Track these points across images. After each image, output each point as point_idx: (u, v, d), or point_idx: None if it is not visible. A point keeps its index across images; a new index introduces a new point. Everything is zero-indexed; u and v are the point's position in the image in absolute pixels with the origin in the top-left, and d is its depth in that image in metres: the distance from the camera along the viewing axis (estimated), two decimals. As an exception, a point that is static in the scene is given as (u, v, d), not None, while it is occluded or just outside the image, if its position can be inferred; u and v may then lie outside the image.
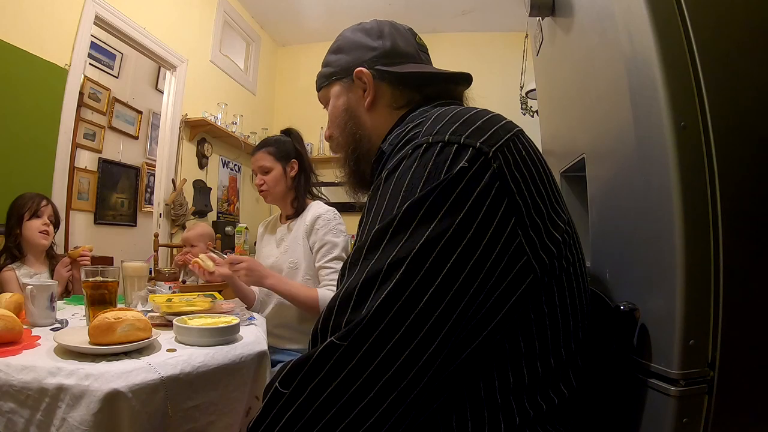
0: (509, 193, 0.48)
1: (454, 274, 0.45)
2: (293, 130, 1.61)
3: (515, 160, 0.50)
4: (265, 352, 0.98)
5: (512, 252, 0.47)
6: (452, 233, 0.46)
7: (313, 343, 0.49)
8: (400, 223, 0.47)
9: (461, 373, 0.49)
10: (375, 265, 0.47)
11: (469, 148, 0.48)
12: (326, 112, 0.76)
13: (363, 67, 0.69)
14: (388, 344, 0.44)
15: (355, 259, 0.50)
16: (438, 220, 0.46)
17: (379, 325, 0.44)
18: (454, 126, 0.51)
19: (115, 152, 3.65)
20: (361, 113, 0.70)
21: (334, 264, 1.39)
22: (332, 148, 0.77)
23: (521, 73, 2.49)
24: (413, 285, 0.45)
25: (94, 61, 3.37)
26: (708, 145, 0.55)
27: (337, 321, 0.47)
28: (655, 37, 0.57)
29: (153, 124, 3.92)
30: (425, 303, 0.45)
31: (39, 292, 1.03)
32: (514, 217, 0.48)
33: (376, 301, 0.45)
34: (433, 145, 0.49)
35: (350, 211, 4.18)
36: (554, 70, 1.06)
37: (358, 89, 0.70)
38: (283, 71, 4.59)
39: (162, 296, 1.33)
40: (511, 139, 0.51)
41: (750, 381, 0.56)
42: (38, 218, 1.58)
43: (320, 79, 0.76)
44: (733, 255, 0.54)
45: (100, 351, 0.78)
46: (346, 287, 0.48)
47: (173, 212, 3.08)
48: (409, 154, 0.51)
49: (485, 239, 0.46)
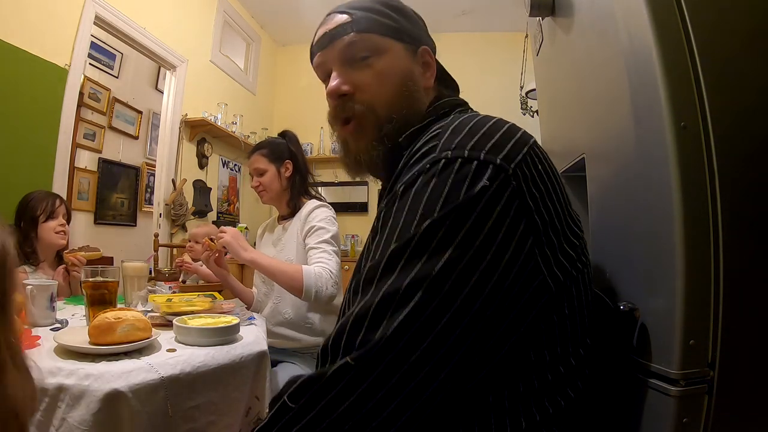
0: (527, 212, 0.47)
1: (472, 298, 0.45)
2: (288, 132, 1.63)
3: (533, 175, 0.49)
4: (265, 352, 0.98)
5: (529, 272, 0.47)
6: (471, 257, 0.45)
7: (323, 360, 0.49)
8: (419, 244, 0.46)
9: (473, 388, 0.49)
10: (392, 285, 0.46)
11: (489, 165, 0.47)
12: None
13: (429, 48, 0.67)
14: (403, 367, 0.44)
15: (370, 277, 0.48)
16: (457, 243, 0.45)
17: (394, 347, 0.44)
18: (474, 140, 0.49)
19: (115, 152, 3.65)
20: (421, 90, 0.65)
21: (323, 245, 1.39)
22: (357, 114, 0.63)
23: (521, 73, 2.49)
24: (431, 309, 0.44)
25: (94, 61, 3.37)
26: (708, 145, 0.55)
27: (350, 340, 0.46)
28: (655, 37, 0.57)
29: (153, 124, 3.92)
30: (442, 327, 0.44)
31: (39, 292, 1.03)
32: (531, 236, 0.47)
33: (392, 323, 0.44)
34: (452, 161, 0.48)
35: (349, 210, 4.21)
36: (554, 70, 1.06)
37: (417, 65, 0.66)
38: (283, 71, 4.59)
39: (162, 296, 1.33)
40: (528, 153, 0.50)
41: (750, 381, 0.56)
42: (54, 219, 1.55)
43: (375, 23, 0.63)
44: (733, 255, 0.54)
45: (100, 351, 0.78)
46: (361, 306, 0.47)
47: (173, 212, 3.08)
48: (426, 169, 0.49)
49: (503, 262, 0.46)
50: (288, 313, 1.44)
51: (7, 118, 1.93)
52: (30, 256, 1.52)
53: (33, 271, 1.51)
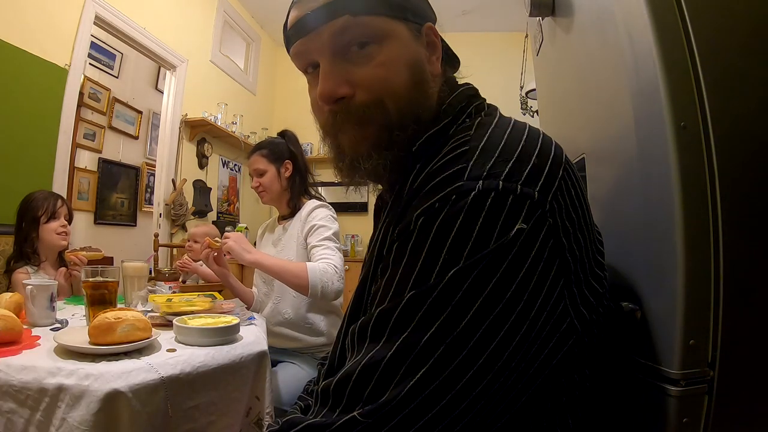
0: (560, 251, 0.43)
1: (498, 353, 0.41)
2: (288, 132, 1.63)
3: (566, 205, 0.44)
4: (265, 352, 0.98)
5: (557, 316, 0.43)
6: (500, 311, 0.40)
7: (323, 400, 0.46)
8: (441, 295, 0.41)
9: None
10: (407, 339, 0.41)
11: (527, 200, 0.41)
12: None
13: (434, 26, 0.56)
14: (416, 425, 0.41)
15: (381, 325, 0.43)
16: (486, 295, 0.40)
17: (407, 407, 0.40)
18: (508, 166, 0.43)
19: (115, 152, 3.65)
20: (429, 75, 0.54)
21: (325, 242, 1.40)
22: (362, 117, 0.51)
23: (521, 73, 2.49)
24: (452, 367, 0.40)
25: (94, 61, 3.37)
26: (708, 145, 0.55)
27: (357, 391, 0.43)
28: (655, 38, 0.57)
29: (153, 124, 3.92)
30: (463, 385, 0.40)
31: (39, 292, 1.03)
32: (563, 278, 0.43)
33: (408, 381, 0.40)
34: (484, 194, 0.41)
35: (349, 210, 4.21)
36: (554, 70, 1.06)
37: (421, 47, 0.54)
38: (283, 71, 4.59)
39: (162, 296, 1.33)
40: (563, 177, 0.45)
41: (750, 381, 0.56)
42: (56, 220, 1.56)
43: (376, 3, 0.50)
44: (733, 255, 0.54)
45: (100, 351, 0.78)
46: (371, 356, 0.43)
47: (173, 212, 3.08)
48: (453, 201, 0.42)
49: (533, 311, 0.41)
50: (288, 312, 1.44)
51: (7, 118, 1.94)
52: (31, 257, 1.52)
53: (35, 271, 1.51)
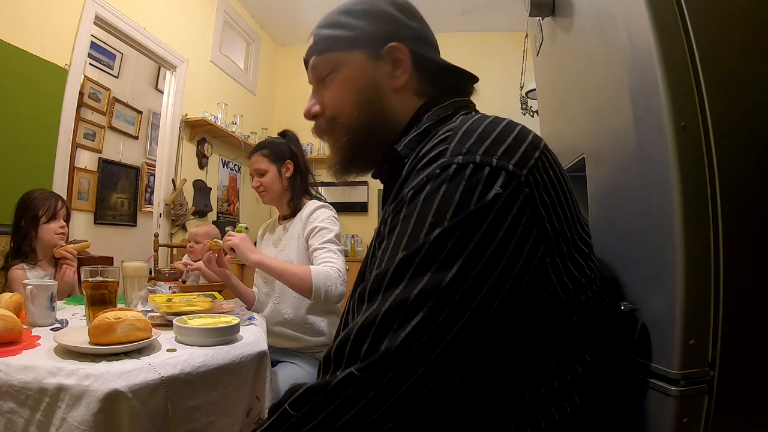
0: (539, 220, 0.47)
1: (481, 310, 0.44)
2: (289, 132, 1.63)
3: (544, 181, 0.49)
4: (265, 352, 0.98)
5: (539, 282, 0.47)
6: (482, 268, 0.44)
7: (325, 368, 0.48)
8: (428, 254, 0.45)
9: (480, 399, 0.48)
10: (399, 295, 0.45)
11: (502, 171, 0.46)
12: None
13: (400, 43, 0.63)
14: (409, 379, 0.43)
15: (376, 286, 0.47)
16: (468, 253, 0.44)
17: (401, 359, 0.43)
18: (485, 144, 0.48)
19: (115, 152, 3.66)
20: (387, 92, 0.64)
21: (328, 245, 1.39)
22: (324, 127, 0.68)
23: (521, 73, 2.49)
24: (440, 321, 0.43)
25: (94, 61, 3.37)
26: (708, 145, 0.55)
27: (354, 349, 0.45)
28: (655, 37, 0.57)
29: (153, 124, 3.92)
30: (450, 339, 0.43)
31: (39, 292, 1.03)
32: (542, 246, 0.47)
33: (400, 334, 0.43)
34: (464, 167, 0.47)
35: (349, 210, 4.21)
36: (554, 69, 1.06)
37: (385, 65, 0.64)
38: (283, 71, 4.59)
39: (162, 296, 1.33)
40: (540, 158, 0.50)
41: (750, 381, 0.56)
42: (55, 221, 1.56)
43: (328, 42, 0.66)
44: (733, 255, 0.54)
45: (100, 351, 0.78)
46: (367, 315, 0.46)
47: (173, 212, 3.08)
48: (436, 175, 0.48)
49: (514, 272, 0.45)
50: (288, 313, 1.44)
51: (7, 118, 1.94)
52: (29, 254, 1.54)
53: (30, 268, 1.53)
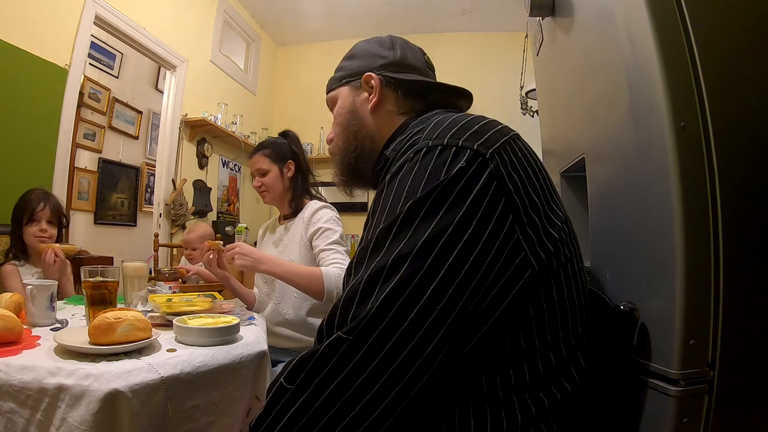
0: (506, 192, 0.50)
1: (455, 268, 0.47)
2: (290, 132, 1.63)
3: (511, 161, 0.52)
4: (265, 352, 0.98)
5: (510, 248, 0.49)
6: (453, 230, 0.47)
7: (318, 340, 0.51)
8: (403, 222, 0.49)
9: (464, 369, 0.50)
10: (379, 262, 0.48)
11: (467, 150, 0.50)
12: (327, 112, 0.80)
13: (372, 72, 0.74)
14: (393, 337, 0.46)
15: (360, 257, 0.51)
16: (439, 217, 0.48)
17: (383, 318, 0.46)
18: (453, 130, 0.53)
19: (115, 152, 3.66)
20: (364, 114, 0.74)
21: (334, 246, 1.38)
22: (331, 150, 0.80)
23: (521, 73, 2.49)
24: (416, 280, 0.46)
25: (94, 61, 3.37)
26: (708, 145, 0.55)
27: (342, 317, 0.48)
28: (655, 37, 0.57)
29: (153, 124, 3.92)
30: (428, 297, 0.46)
31: (39, 292, 1.03)
32: (511, 214, 0.50)
33: (380, 295, 0.46)
34: (433, 148, 0.52)
35: (350, 211, 4.21)
36: (554, 70, 1.06)
37: (364, 92, 0.75)
38: (283, 71, 4.59)
39: (162, 296, 1.33)
40: (507, 142, 0.53)
41: (750, 381, 0.56)
42: (35, 223, 1.54)
43: (331, 82, 0.80)
44: (733, 255, 0.54)
45: (100, 351, 0.78)
46: (352, 284, 0.49)
47: (173, 212, 3.08)
48: (410, 158, 0.53)
49: (485, 235, 0.48)
50: (288, 313, 1.44)
51: (7, 118, 1.94)
52: (20, 256, 1.56)
53: (22, 264, 1.54)
